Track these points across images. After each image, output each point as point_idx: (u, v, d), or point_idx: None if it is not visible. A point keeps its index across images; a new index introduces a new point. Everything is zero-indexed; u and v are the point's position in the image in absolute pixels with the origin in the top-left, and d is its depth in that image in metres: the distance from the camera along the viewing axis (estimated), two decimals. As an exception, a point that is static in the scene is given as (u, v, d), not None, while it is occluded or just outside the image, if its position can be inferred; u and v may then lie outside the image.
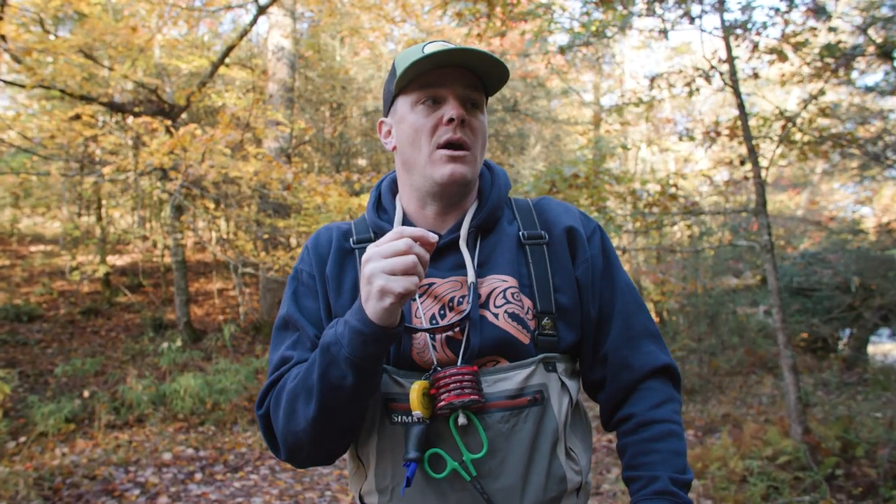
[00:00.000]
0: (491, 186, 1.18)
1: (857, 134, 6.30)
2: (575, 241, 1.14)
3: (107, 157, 6.22)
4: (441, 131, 1.06)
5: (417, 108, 1.08)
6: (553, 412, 1.04)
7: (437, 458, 1.00)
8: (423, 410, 0.97)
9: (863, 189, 15.01)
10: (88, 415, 5.80)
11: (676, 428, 1.08)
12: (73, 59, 7.34)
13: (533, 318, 1.07)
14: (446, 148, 1.06)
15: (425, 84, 1.07)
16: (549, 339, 1.06)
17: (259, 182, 6.18)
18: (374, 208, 1.18)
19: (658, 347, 1.14)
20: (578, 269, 1.13)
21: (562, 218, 1.16)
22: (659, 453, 1.04)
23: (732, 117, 5.36)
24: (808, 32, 4.96)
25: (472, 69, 1.07)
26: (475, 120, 1.09)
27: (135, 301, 9.49)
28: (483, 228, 1.14)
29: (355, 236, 1.16)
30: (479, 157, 1.10)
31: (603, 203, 6.01)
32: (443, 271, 1.09)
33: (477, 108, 1.10)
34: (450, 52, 1.02)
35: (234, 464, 5.12)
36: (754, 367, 8.80)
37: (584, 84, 15.82)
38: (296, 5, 9.96)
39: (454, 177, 1.06)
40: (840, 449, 4.31)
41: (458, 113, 1.04)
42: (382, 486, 1.05)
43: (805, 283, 8.73)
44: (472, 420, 0.99)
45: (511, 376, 1.03)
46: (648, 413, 1.08)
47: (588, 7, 4.82)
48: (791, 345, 4.67)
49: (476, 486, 0.99)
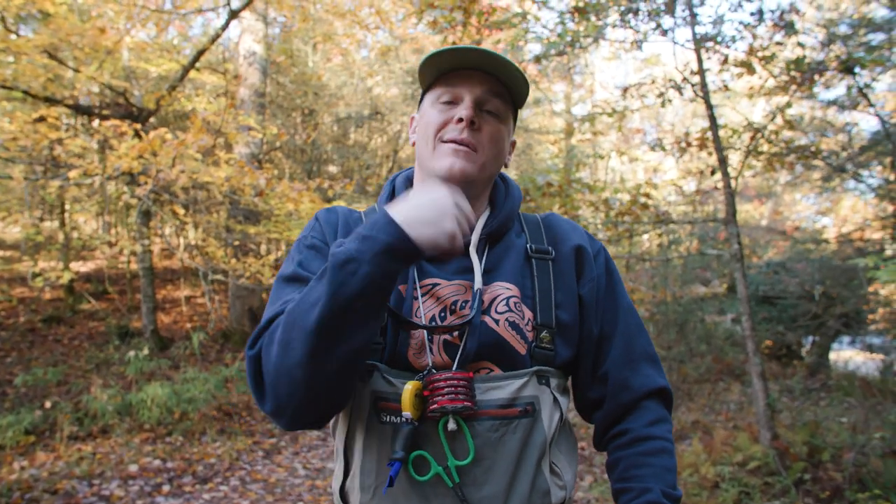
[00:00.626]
0: (505, 197, 1.19)
1: (821, 146, 6.49)
2: (583, 259, 1.16)
3: (72, 160, 6.05)
4: (449, 128, 1.08)
5: (437, 106, 1.10)
6: (543, 426, 1.04)
7: (422, 460, 0.99)
8: (414, 412, 0.96)
9: (823, 200, 15.47)
10: (50, 426, 5.61)
11: (669, 446, 1.10)
12: (36, 59, 7.15)
13: (532, 329, 1.07)
14: (450, 143, 1.07)
15: (447, 83, 1.09)
16: (545, 353, 1.07)
17: (231, 188, 6.09)
18: (387, 201, 1.17)
19: (656, 371, 1.16)
20: (584, 288, 1.14)
21: (570, 236, 1.18)
22: (652, 467, 1.06)
23: (703, 128, 5.47)
24: (775, 47, 5.09)
25: (495, 74, 1.09)
26: (488, 125, 1.09)
27: (99, 308, 9.25)
28: (493, 237, 1.14)
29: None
30: (487, 161, 1.10)
31: (575, 211, 6.08)
32: (448, 273, 1.09)
33: (495, 116, 1.10)
34: (465, 51, 1.04)
35: (203, 475, 5.00)
36: (722, 375, 8.95)
37: (556, 94, 16.00)
38: (268, 10, 9.88)
39: (453, 170, 1.06)
40: (807, 454, 4.40)
41: (468, 114, 1.06)
42: (366, 485, 1.04)
43: (770, 292, 8.93)
44: (461, 426, 0.99)
45: (504, 385, 1.03)
46: (644, 429, 1.10)
47: (563, 17, 4.87)
48: (758, 352, 4.76)
49: (458, 493, 0.98)
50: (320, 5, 9.29)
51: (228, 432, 6.08)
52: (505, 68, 1.06)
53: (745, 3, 4.66)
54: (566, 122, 13.88)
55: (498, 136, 1.10)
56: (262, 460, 5.51)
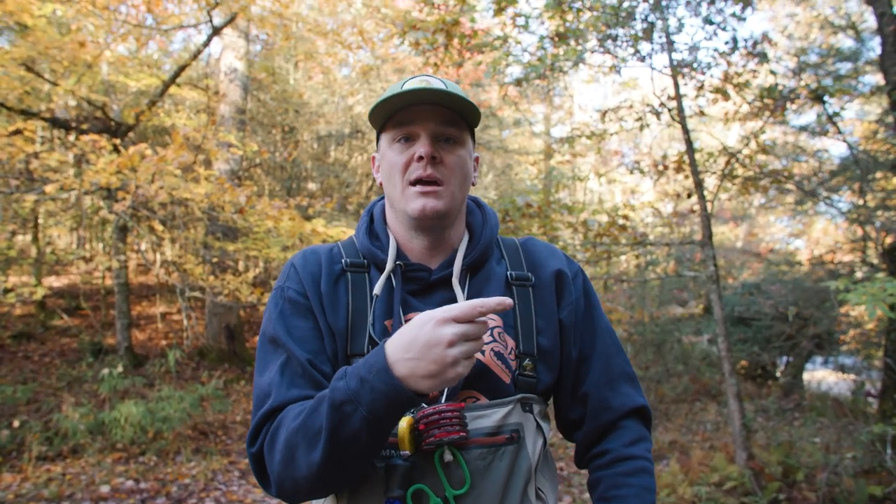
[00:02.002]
0: (483, 226, 1.20)
1: (793, 171, 6.65)
2: (562, 284, 1.17)
3: (49, 174, 5.97)
4: (412, 168, 1.08)
5: (394, 146, 1.11)
6: (527, 452, 1.06)
7: (420, 494, 1.00)
8: (411, 448, 0.97)
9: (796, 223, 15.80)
10: (17, 446, 5.46)
11: (648, 465, 1.13)
12: (13, 71, 7.07)
13: (515, 358, 1.09)
14: (417, 184, 1.07)
15: (399, 122, 1.09)
16: (528, 381, 1.09)
17: (210, 204, 6.05)
18: (366, 233, 1.18)
19: (634, 389, 1.19)
20: (563, 312, 1.16)
21: (550, 261, 1.19)
22: (632, 487, 1.09)
23: (679, 152, 5.58)
24: (749, 74, 5.24)
25: (446, 105, 1.09)
26: (450, 155, 1.10)
27: (72, 325, 9.07)
28: (473, 267, 1.15)
29: (346, 259, 1.15)
30: (455, 190, 1.11)
31: (555, 232, 6.14)
32: (432, 306, 1.09)
33: (455, 143, 1.11)
34: (416, 92, 1.04)
35: (178, 496, 4.90)
36: (699, 395, 9.04)
37: (535, 115, 16.20)
38: (250, 27, 9.90)
39: (425, 211, 1.07)
40: (782, 474, 4.45)
41: (427, 151, 1.06)
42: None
43: (746, 313, 9.06)
44: (456, 456, 1.00)
45: (489, 414, 1.05)
46: (624, 450, 1.12)
47: (543, 41, 4.96)
48: (734, 372, 4.83)
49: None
50: (302, 24, 9.33)
51: (204, 452, 5.98)
52: (452, 100, 1.07)
53: (720, 31, 4.80)
54: (546, 144, 14.05)
55: (460, 162, 1.11)
56: (238, 480, 5.42)
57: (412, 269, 1.12)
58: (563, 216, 6.25)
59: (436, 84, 1.08)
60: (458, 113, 1.10)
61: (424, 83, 1.08)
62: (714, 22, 4.77)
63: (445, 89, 1.05)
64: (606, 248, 5.87)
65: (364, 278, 1.13)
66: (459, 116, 1.11)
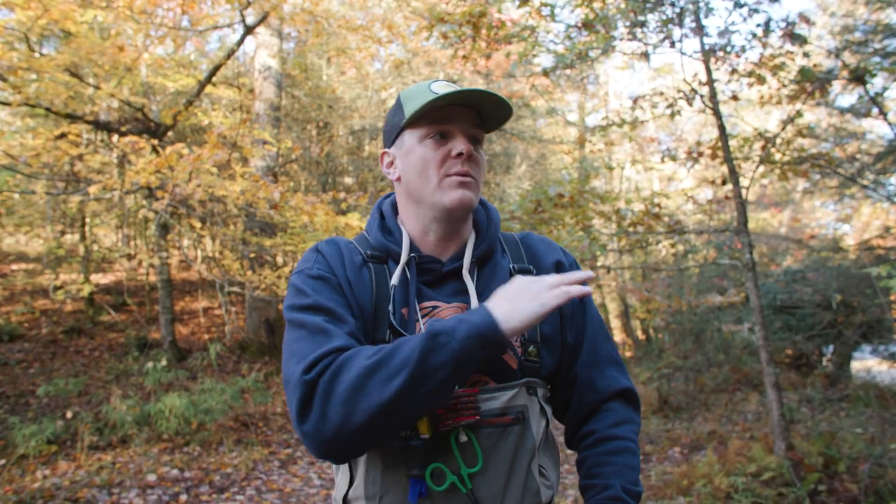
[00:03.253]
0: (488, 221, 1.27)
1: (835, 154, 6.43)
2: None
3: (92, 175, 6.20)
4: (450, 163, 1.14)
5: (426, 142, 1.16)
6: (532, 432, 1.13)
7: (439, 472, 1.07)
8: (429, 431, 1.04)
9: (843, 207, 15.28)
10: (71, 436, 5.72)
11: (632, 445, 1.19)
12: (58, 77, 7.34)
13: (521, 345, 1.15)
14: (455, 176, 1.14)
15: (434, 120, 1.15)
16: (533, 365, 1.16)
17: (246, 201, 6.19)
18: (379, 229, 1.23)
19: (620, 373, 1.26)
20: None
21: (548, 254, 1.27)
22: (614, 465, 1.15)
23: (713, 138, 5.47)
24: (785, 56, 5.09)
25: (478, 109, 1.17)
26: (478, 155, 1.18)
27: (119, 320, 9.40)
28: (481, 260, 1.22)
29: (366, 251, 1.20)
30: (481, 187, 1.19)
31: (588, 222, 6.08)
32: (445, 297, 1.17)
33: (479, 144, 1.19)
34: (465, 93, 1.11)
35: (220, 485, 5.07)
36: (739, 384, 8.87)
37: (569, 104, 16.02)
38: (283, 25, 10.04)
39: (463, 201, 1.14)
40: (823, 465, 4.35)
41: (468, 148, 1.13)
42: (371, 494, 1.10)
43: (788, 301, 8.84)
44: (470, 437, 1.07)
45: (498, 396, 1.11)
46: (608, 430, 1.19)
47: (570, 31, 4.91)
48: (774, 362, 4.73)
49: (471, 497, 1.07)
50: (333, 20, 9.41)
51: (245, 442, 6.15)
52: (495, 102, 1.14)
53: (754, 14, 4.67)
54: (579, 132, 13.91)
55: (483, 163, 1.20)
56: (278, 470, 5.57)
57: (426, 261, 1.19)
58: (596, 205, 6.18)
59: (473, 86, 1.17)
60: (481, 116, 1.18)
61: (461, 88, 1.15)
62: (746, 4, 4.65)
63: (490, 92, 1.12)
64: (639, 237, 5.80)
65: (384, 269, 1.19)
66: (506, 116, 1.19)
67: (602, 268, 9.34)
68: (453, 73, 12.81)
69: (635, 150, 14.38)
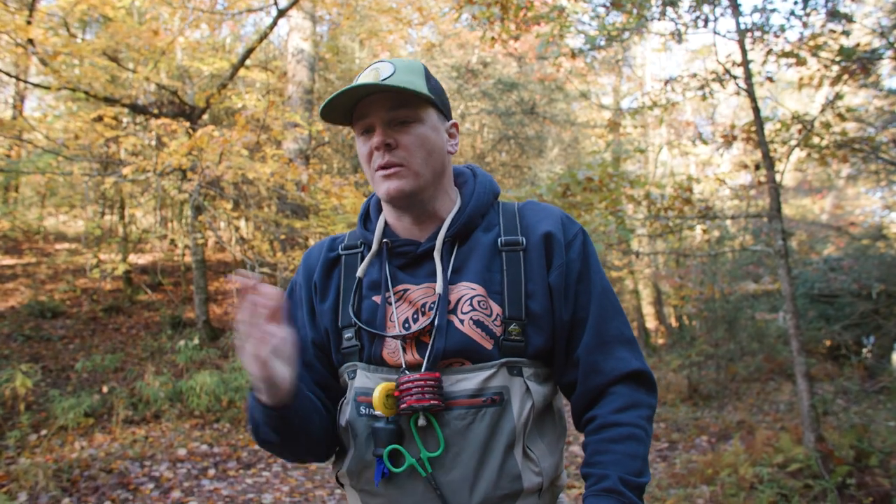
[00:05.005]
0: (471, 195, 1.21)
1: (883, 138, 6.18)
2: (552, 246, 1.16)
3: (128, 157, 6.36)
4: (374, 157, 1.13)
5: (360, 139, 1.16)
6: (512, 414, 1.07)
7: (398, 453, 1.07)
8: (386, 410, 1.05)
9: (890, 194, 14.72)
10: (107, 410, 5.92)
11: (638, 432, 1.10)
12: (97, 61, 7.52)
13: (501, 324, 1.11)
14: (379, 170, 1.13)
15: (357, 116, 1.14)
16: (514, 345, 1.10)
17: (276, 183, 6.27)
18: (361, 221, 1.26)
19: (631, 353, 1.15)
20: (552, 275, 1.14)
21: (541, 224, 1.18)
22: (614, 454, 1.07)
23: (749, 122, 5.32)
24: (828, 35, 4.89)
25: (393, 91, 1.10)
26: (406, 136, 1.11)
27: (155, 299, 9.66)
28: (460, 236, 1.18)
29: (345, 243, 1.25)
30: (420, 167, 1.12)
31: (618, 206, 5.99)
32: (419, 278, 1.16)
33: (410, 123, 1.12)
34: (352, 91, 1.08)
35: (247, 461, 5.20)
36: (773, 374, 8.70)
37: (604, 87, 15.75)
38: (315, 8, 10.07)
39: (391, 193, 1.12)
40: (854, 458, 4.24)
41: (378, 141, 1.11)
42: (351, 471, 1.13)
43: (826, 290, 8.60)
44: (430, 421, 1.06)
45: (471, 377, 1.08)
46: (611, 416, 1.11)
47: (599, 10, 4.81)
48: (808, 351, 4.62)
49: (430, 481, 1.06)
50: (365, 2, 9.41)
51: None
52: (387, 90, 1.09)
53: (793, -9, 4.50)
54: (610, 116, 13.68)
55: (418, 140, 1.12)
56: (304, 448, 5.68)
57: (399, 245, 1.18)
58: (626, 189, 6.08)
59: (383, 72, 1.10)
60: (412, 92, 1.10)
61: (373, 74, 1.11)
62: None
63: (389, 76, 1.08)
64: (670, 221, 5.69)
65: (356, 258, 1.22)
66: (414, 95, 1.11)
67: (632, 253, 9.20)
68: (486, 56, 12.69)
69: (671, 134, 14.09)
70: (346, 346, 1.15)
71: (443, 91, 1.21)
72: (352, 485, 1.15)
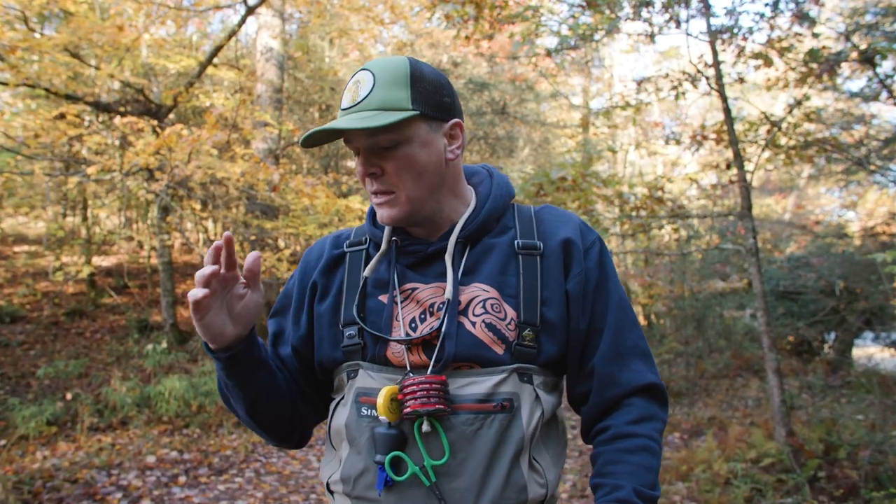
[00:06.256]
0: (487, 197, 1.16)
1: (842, 139, 6.35)
2: (571, 253, 1.12)
3: (92, 157, 6.17)
4: (366, 181, 1.11)
5: (356, 159, 1.12)
6: (521, 422, 1.04)
7: (399, 461, 1.02)
8: (389, 415, 1.00)
9: (848, 194, 15.17)
10: (71, 417, 5.73)
11: (652, 445, 1.08)
12: (58, 57, 7.27)
13: (514, 328, 1.07)
14: (373, 195, 1.10)
15: (346, 140, 1.09)
16: (527, 351, 1.06)
17: (246, 183, 6.15)
18: (370, 217, 1.22)
19: (646, 366, 1.13)
20: (570, 282, 1.11)
21: (560, 230, 1.14)
22: (628, 464, 1.05)
23: (718, 122, 5.40)
24: (794, 38, 5.00)
25: None
26: (389, 162, 1.04)
27: (120, 302, 9.41)
28: (473, 238, 1.13)
29: (351, 239, 1.22)
30: (410, 191, 1.06)
31: (591, 206, 6.03)
32: (428, 278, 1.12)
33: (394, 148, 1.04)
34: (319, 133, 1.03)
35: (219, 466, 5.08)
36: (740, 370, 8.86)
37: (574, 87, 15.89)
38: (285, 6, 9.93)
39: (384, 221, 1.10)
40: (823, 451, 4.34)
41: (361, 171, 1.08)
42: (346, 476, 1.07)
43: (791, 287, 8.80)
44: (435, 427, 1.01)
45: (481, 381, 1.04)
46: (626, 427, 1.09)
47: (574, 10, 4.83)
48: (776, 348, 4.70)
49: (434, 492, 1.01)
50: (336, 1, 9.31)
51: (244, 425, 6.16)
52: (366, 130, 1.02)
53: (762, -7, 4.58)
54: (582, 116, 13.79)
55: (406, 162, 1.05)
56: (277, 452, 5.58)
57: (408, 244, 1.13)
58: (599, 189, 6.13)
59: (362, 90, 1.04)
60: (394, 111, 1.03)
61: (348, 97, 1.06)
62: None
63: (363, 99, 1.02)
64: (642, 221, 5.75)
65: (361, 254, 1.18)
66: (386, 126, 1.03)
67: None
68: (457, 56, 12.68)
69: (639, 134, 14.27)
70: (348, 344, 1.11)
71: (436, 89, 1.08)
72: (345, 492, 1.08)
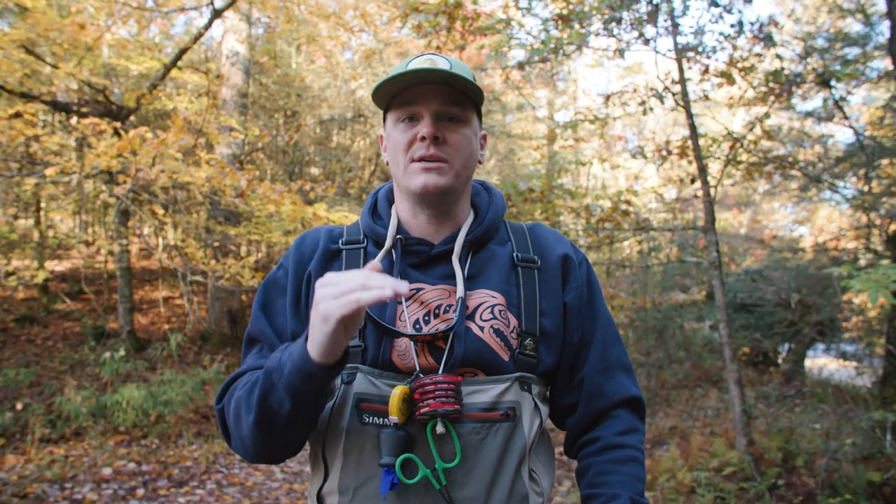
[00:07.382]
0: (488, 206, 1.20)
1: (797, 156, 6.59)
2: (569, 268, 1.17)
3: (49, 157, 5.95)
4: (416, 147, 1.09)
5: (399, 126, 1.11)
6: (523, 431, 1.05)
7: (410, 463, 1.00)
8: (400, 416, 0.98)
9: (801, 209, 15.72)
10: (21, 428, 5.50)
11: (639, 455, 1.12)
12: (13, 54, 7.03)
13: (517, 337, 1.09)
14: (420, 161, 1.08)
15: (403, 102, 1.10)
16: (528, 360, 1.08)
17: (211, 188, 6.03)
18: (369, 213, 1.20)
19: (630, 380, 1.18)
20: (568, 295, 1.16)
21: (556, 246, 1.19)
22: (621, 474, 1.08)
23: (683, 137, 5.54)
24: (755, 58, 5.17)
25: (449, 84, 1.08)
26: (453, 134, 1.09)
27: (75, 309, 9.10)
28: (476, 244, 1.16)
29: (345, 237, 1.18)
30: (460, 169, 1.11)
31: (557, 218, 6.11)
32: (433, 279, 1.12)
33: (458, 122, 1.10)
34: (418, 73, 1.04)
35: (179, 478, 4.93)
36: (700, 381, 9.05)
37: (539, 100, 16.09)
38: (252, 10, 9.81)
39: (427, 187, 1.08)
40: (782, 459, 4.46)
41: (429, 131, 1.06)
42: (344, 486, 1.04)
43: (748, 299, 9.05)
44: (448, 429, 1.00)
45: (486, 389, 1.04)
46: (615, 438, 1.12)
47: (547, 25, 4.90)
48: (735, 359, 4.82)
49: (444, 494, 0.99)
50: (304, 6, 9.23)
51: (205, 435, 6.01)
52: (454, 80, 1.06)
53: (726, 14, 4.73)
54: (549, 128, 13.98)
55: (464, 141, 1.10)
56: (240, 463, 5.45)
57: (412, 243, 1.13)
58: (566, 201, 6.21)
59: (440, 63, 1.07)
60: (462, 92, 1.09)
61: (429, 62, 1.07)
62: (720, 4, 4.70)
63: (448, 69, 1.04)
64: (608, 233, 5.84)
65: (359, 253, 1.16)
66: (464, 95, 1.10)
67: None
68: (424, 66, 12.70)
69: (603, 147, 14.52)
70: (349, 346, 1.07)
71: (483, 97, 1.17)
72: (342, 502, 1.05)
